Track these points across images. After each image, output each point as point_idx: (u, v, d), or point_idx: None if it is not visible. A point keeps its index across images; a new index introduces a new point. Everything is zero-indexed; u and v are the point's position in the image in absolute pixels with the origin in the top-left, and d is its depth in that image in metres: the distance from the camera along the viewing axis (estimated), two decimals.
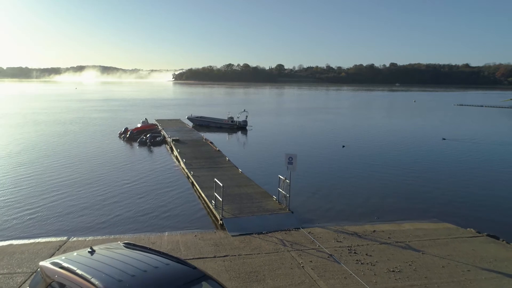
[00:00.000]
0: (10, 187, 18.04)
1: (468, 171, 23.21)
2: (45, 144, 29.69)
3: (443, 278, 9.26)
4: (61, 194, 17.12)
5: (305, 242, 11.53)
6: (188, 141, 29.28)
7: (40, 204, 15.78)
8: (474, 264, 10.10)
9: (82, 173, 20.75)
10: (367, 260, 10.26)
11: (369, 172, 22.20)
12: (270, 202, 15.08)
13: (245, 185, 17.38)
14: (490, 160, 26.68)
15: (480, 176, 22.05)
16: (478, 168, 24.08)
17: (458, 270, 9.69)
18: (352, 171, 22.58)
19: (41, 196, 16.81)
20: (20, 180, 19.29)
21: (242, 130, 40.59)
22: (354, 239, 11.82)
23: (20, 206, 15.48)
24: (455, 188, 19.45)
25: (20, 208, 15.24)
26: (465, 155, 28.05)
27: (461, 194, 18.46)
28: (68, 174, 20.61)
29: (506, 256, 10.76)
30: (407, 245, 11.44)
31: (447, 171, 23.06)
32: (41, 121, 45.49)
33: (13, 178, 19.64)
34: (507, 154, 28.84)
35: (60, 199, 16.38)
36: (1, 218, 14.24)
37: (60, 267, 5.23)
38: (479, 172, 22.88)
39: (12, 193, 17.14)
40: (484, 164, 25.19)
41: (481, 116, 63.03)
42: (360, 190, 18.67)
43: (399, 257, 10.47)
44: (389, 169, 23.04)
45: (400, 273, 9.46)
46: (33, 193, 17.22)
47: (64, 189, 17.86)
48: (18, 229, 13.29)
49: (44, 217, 14.39)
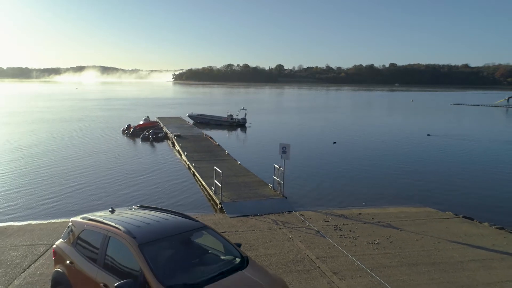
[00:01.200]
0: (27, 177, 19.34)
1: (450, 163, 24.57)
2: (54, 140, 31.04)
3: (414, 248, 10.49)
4: (73, 182, 18.41)
5: (296, 222, 12.74)
6: (189, 137, 30.53)
7: (54, 190, 17.10)
8: (445, 238, 11.32)
9: (90, 165, 22.04)
10: (350, 235, 11.48)
11: (358, 165, 23.47)
12: (265, 189, 16.30)
13: (243, 175, 18.61)
14: (472, 153, 28.18)
15: (460, 167, 23.41)
16: (459, 160, 25.47)
17: (429, 242, 10.91)
18: (343, 163, 23.86)
19: (55, 183, 18.11)
20: (36, 170, 20.61)
21: (241, 127, 41.83)
22: (341, 220, 13.03)
23: (36, 192, 16.78)
24: (437, 177, 20.72)
25: (36, 194, 16.54)
26: (448, 149, 29.51)
27: (443, 183, 19.69)
28: (78, 165, 21.96)
29: (476, 232, 11.98)
30: (388, 224, 12.66)
31: (430, 163, 24.47)
32: (48, 119, 46.83)
33: (29, 169, 20.95)
34: (488, 148, 30.32)
35: (72, 186, 17.68)
36: (20, 202, 15.52)
37: (89, 220, 6.48)
38: (460, 164, 24.24)
39: (28, 182, 18.42)
40: (465, 157, 26.62)
41: (473, 114, 64.24)
42: (349, 180, 19.92)
43: (379, 233, 11.69)
44: (377, 162, 24.37)
45: (377, 245, 10.69)
46: (47, 181, 18.53)
47: (75, 178, 19.15)
48: (36, 211, 14.58)
49: (58, 201, 15.67)
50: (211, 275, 5.40)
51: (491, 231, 12.23)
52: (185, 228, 6.17)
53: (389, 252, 10.17)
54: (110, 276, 5.55)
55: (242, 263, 5.90)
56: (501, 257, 9.97)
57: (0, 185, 18.01)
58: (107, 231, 5.93)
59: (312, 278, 8.60)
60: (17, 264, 9.35)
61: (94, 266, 5.86)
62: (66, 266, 6.34)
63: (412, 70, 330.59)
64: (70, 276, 6.23)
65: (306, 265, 9.25)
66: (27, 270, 9.01)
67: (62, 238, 6.86)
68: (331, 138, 33.85)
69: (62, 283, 6.34)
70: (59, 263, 6.60)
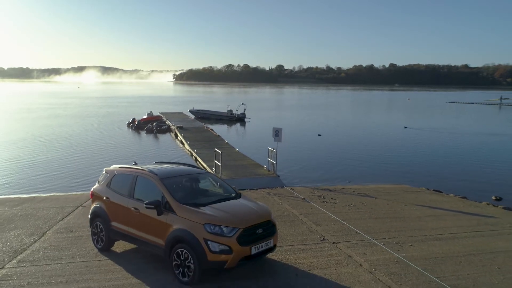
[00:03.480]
0: (50, 159, 21.64)
1: (424, 149, 27.98)
2: (68, 132, 33.57)
3: (384, 209, 12.42)
4: (89, 162, 20.52)
5: (286, 194, 14.67)
6: (190, 128, 32.52)
7: (74, 168, 19.37)
8: (412, 203, 13.25)
9: (101, 151, 24.27)
10: (331, 201, 13.41)
11: (345, 152, 26.20)
12: (261, 170, 18.25)
13: (241, 159, 20.57)
14: (445, 142, 31.60)
15: (434, 152, 26.69)
16: (434, 147, 28.82)
17: (397, 205, 12.86)
18: (331, 151, 26.55)
19: (72, 163, 20.21)
20: (58, 153, 22.82)
21: (241, 122, 43.82)
22: (325, 192, 14.95)
23: (60, 170, 18.88)
24: (414, 161, 23.54)
25: (58, 171, 18.61)
26: (422, 139, 33.20)
27: (418, 165, 22.30)
28: (90, 150, 24.37)
29: (440, 200, 13.92)
30: (365, 194, 14.57)
31: (407, 149, 27.97)
32: (60, 114, 49.42)
33: (52, 153, 23.12)
34: (462, 138, 33.83)
35: (89, 167, 19.80)
36: (46, 177, 17.59)
37: (119, 167, 8.48)
38: (434, 150, 27.53)
39: (50, 164, 20.53)
40: (439, 145, 29.93)
41: (464, 111, 66.43)
42: (336, 164, 22.29)
43: (356, 200, 13.62)
44: (361, 149, 27.20)
45: (353, 207, 12.62)
46: (67, 162, 20.73)
47: (91, 159, 21.35)
48: (59, 185, 16.66)
49: (78, 177, 17.74)
50: (213, 200, 7.40)
51: (454, 199, 14.19)
52: (194, 171, 8.22)
53: (361, 211, 12.13)
54: (139, 202, 7.55)
55: (237, 196, 7.92)
56: (453, 214, 11.93)
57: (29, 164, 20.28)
58: (135, 173, 7.94)
59: (295, 225, 10.56)
60: (52, 218, 11.30)
61: (125, 198, 7.86)
62: (103, 201, 8.33)
63: (412, 70, 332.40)
64: (107, 208, 8.23)
65: (291, 218, 11.21)
66: (61, 221, 10.95)
67: (97, 183, 8.84)
68: (321, 131, 36.19)
69: (100, 214, 8.32)
70: (96, 201, 8.58)
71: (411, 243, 9.39)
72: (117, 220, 7.97)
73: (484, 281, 7.52)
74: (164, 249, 7.04)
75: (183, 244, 6.75)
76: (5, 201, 13.39)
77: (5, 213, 11.81)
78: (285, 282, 7.32)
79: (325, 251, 8.82)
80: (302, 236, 9.74)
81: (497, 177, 19.89)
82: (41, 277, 7.43)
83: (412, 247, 9.10)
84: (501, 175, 20.36)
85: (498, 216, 12.04)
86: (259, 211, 7.43)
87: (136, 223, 7.54)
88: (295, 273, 7.66)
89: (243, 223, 6.89)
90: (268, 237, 7.27)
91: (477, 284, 7.38)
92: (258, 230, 7.06)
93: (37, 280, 7.32)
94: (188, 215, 6.90)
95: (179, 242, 6.81)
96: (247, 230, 6.88)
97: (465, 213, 12.21)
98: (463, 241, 9.64)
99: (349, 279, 7.45)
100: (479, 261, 8.42)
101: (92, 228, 8.62)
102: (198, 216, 6.84)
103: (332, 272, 7.74)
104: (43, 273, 7.59)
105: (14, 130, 33.99)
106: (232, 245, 6.61)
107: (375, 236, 9.77)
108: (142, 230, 7.43)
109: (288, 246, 9.05)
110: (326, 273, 7.70)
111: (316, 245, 9.17)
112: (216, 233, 6.64)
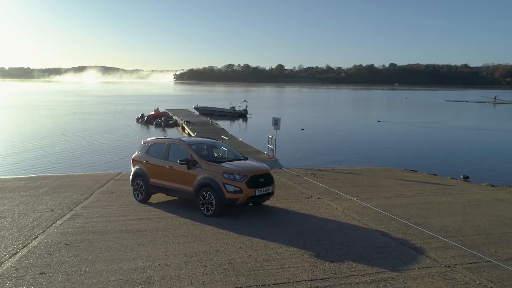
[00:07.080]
0: (74, 151, 24.27)
1: (398, 137, 32.34)
2: (85, 127, 36.16)
3: (363, 182, 15.03)
4: (109, 150, 23.24)
5: (283, 173, 17.27)
6: (196, 122, 35.23)
7: (98, 153, 22.03)
8: (388, 177, 15.89)
9: (116, 141, 27.03)
10: (321, 177, 16.01)
11: (337, 141, 29.06)
12: (261, 155, 20.87)
13: (244, 147, 23.19)
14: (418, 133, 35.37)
15: (410, 140, 30.68)
16: (408, 135, 33.12)
17: (375, 179, 15.47)
18: (324, 140, 29.27)
19: (94, 151, 22.98)
20: (80, 143, 25.52)
21: (243, 118, 46.52)
22: (317, 171, 17.54)
23: (86, 154, 21.62)
24: (393, 146, 27.04)
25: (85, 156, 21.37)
26: (393, 131, 37.55)
27: (397, 150, 25.64)
28: (108, 140, 27.00)
29: (413, 175, 16.54)
30: (351, 172, 17.19)
31: (384, 137, 32.42)
32: (75, 111, 52.59)
33: (75, 145, 25.88)
34: (442, 131, 37.70)
35: (110, 153, 22.51)
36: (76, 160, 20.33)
37: (155, 138, 11.19)
38: (412, 138, 31.69)
39: (77, 150, 23.29)
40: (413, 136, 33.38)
41: (456, 109, 69.15)
42: (328, 152, 25.10)
43: (342, 176, 16.24)
44: (344, 137, 31.21)
45: (338, 180, 15.25)
46: (89, 149, 23.43)
47: (114, 147, 24.03)
48: (89, 165, 19.38)
49: (103, 161, 20.47)
50: (228, 160, 10.16)
51: (425, 175, 16.83)
52: (212, 141, 11.01)
53: (344, 182, 14.76)
54: (172, 162, 10.25)
55: (245, 159, 10.65)
56: (420, 184, 14.57)
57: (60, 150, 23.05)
58: (168, 142, 10.65)
59: (289, 189, 13.22)
60: (92, 186, 13.92)
61: (161, 160, 10.56)
62: (143, 163, 11.03)
63: (412, 70, 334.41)
64: (146, 168, 10.92)
65: (286, 185, 13.86)
66: (101, 188, 13.59)
67: (137, 152, 11.52)
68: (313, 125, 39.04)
69: (141, 174, 11.00)
70: (136, 165, 11.25)
71: (378, 198, 12.10)
72: (155, 177, 10.67)
73: (424, 215, 10.48)
74: (193, 193, 9.80)
75: (207, 188, 9.50)
76: (45, 178, 16.03)
77: (51, 184, 14.43)
78: (280, 216, 10.06)
79: (311, 202, 11.53)
80: (294, 195, 12.42)
81: (470, 160, 22.97)
82: (103, 215, 10.11)
83: (378, 201, 11.81)
84: (473, 158, 23.41)
85: (455, 185, 14.71)
86: (261, 167, 10.22)
87: (171, 177, 10.26)
88: (287, 212, 10.40)
89: (250, 173, 9.63)
90: (268, 185, 10.01)
91: (418, 217, 10.18)
92: (260, 179, 9.79)
93: (102, 215, 10.12)
94: (211, 168, 9.68)
95: (204, 187, 9.55)
96: (253, 177, 9.60)
97: (430, 183, 14.86)
98: (419, 197, 12.38)
99: (326, 215, 10.24)
100: (425, 207, 11.25)
101: (133, 185, 11.31)
102: (218, 168, 9.62)
103: (315, 212, 10.51)
104: (103, 212, 10.36)
105: (44, 125, 37.05)
106: (242, 187, 9.34)
107: (351, 195, 12.46)
108: (175, 182, 10.16)
109: (282, 200, 11.74)
110: (310, 212, 10.49)
111: (305, 199, 11.87)
112: (231, 179, 9.36)
